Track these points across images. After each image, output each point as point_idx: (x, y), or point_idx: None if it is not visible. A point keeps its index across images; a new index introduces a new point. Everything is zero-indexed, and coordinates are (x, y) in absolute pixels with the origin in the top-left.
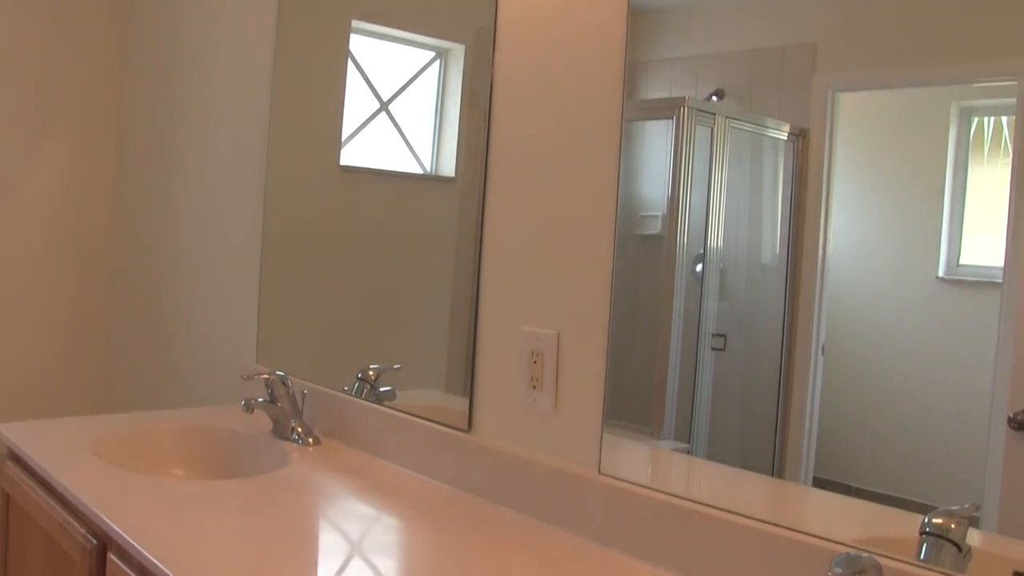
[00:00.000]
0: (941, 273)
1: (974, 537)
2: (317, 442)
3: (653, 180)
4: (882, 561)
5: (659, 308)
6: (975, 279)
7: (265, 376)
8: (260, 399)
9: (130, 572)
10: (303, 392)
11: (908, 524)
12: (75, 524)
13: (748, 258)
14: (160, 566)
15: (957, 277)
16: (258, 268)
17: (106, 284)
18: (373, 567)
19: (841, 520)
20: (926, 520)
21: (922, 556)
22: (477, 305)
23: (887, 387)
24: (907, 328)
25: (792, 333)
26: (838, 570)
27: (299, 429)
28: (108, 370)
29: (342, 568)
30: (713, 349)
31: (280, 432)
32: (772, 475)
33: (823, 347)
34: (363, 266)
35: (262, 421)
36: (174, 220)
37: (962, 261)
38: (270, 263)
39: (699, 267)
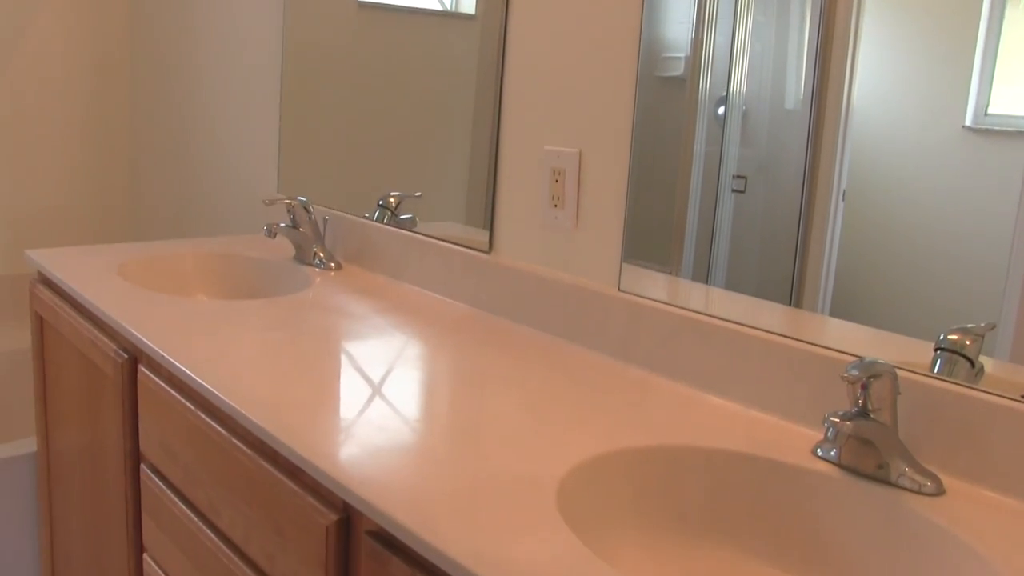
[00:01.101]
0: (968, 122)
1: (988, 365)
2: (339, 267)
3: (676, 20)
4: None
5: (679, 150)
6: (1003, 129)
7: (287, 201)
8: (282, 224)
9: (160, 382)
10: (324, 219)
11: (923, 351)
12: (106, 340)
13: (771, 102)
14: (191, 375)
15: (984, 126)
16: (278, 96)
17: (126, 116)
18: (396, 376)
19: (858, 342)
20: (941, 336)
21: (936, 370)
22: (499, 127)
23: (907, 234)
24: (930, 176)
25: (813, 178)
26: (854, 372)
27: (321, 254)
28: (131, 201)
29: (366, 377)
30: (733, 191)
31: (302, 258)
32: None
33: (844, 192)
34: (383, 98)
35: (284, 248)
36: (194, 46)
37: (991, 110)
38: (290, 92)
39: (721, 110)
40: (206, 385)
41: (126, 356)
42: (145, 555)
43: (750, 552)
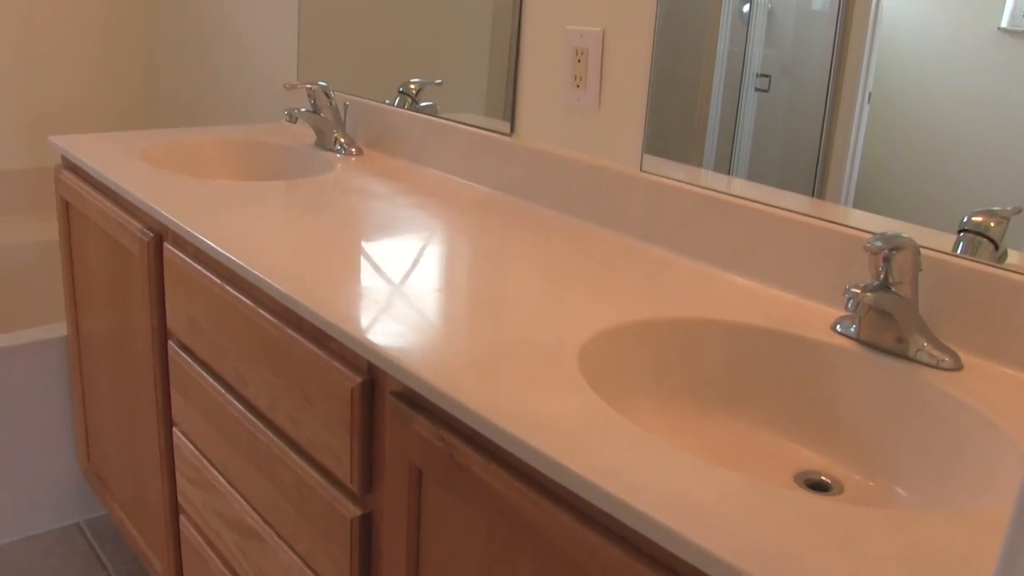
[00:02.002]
0: (1004, 23)
1: (1013, 257)
2: (360, 152)
3: None
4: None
5: (702, 47)
6: None
7: (308, 86)
8: (303, 109)
9: (185, 258)
10: (345, 104)
11: (946, 242)
12: (131, 220)
13: (798, 2)
14: (217, 248)
15: (1021, 28)
16: None
17: (142, 5)
18: (418, 250)
19: (880, 229)
20: (965, 219)
21: (958, 250)
22: (521, 5)
23: (934, 139)
24: (962, 80)
25: (839, 80)
26: (877, 243)
27: (342, 139)
28: (148, 91)
29: (389, 251)
30: (757, 90)
31: (323, 143)
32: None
33: (870, 95)
34: None
35: (304, 135)
36: None
37: None
38: None
39: (746, 8)
40: (232, 257)
41: (151, 235)
42: (175, 429)
43: (765, 424)
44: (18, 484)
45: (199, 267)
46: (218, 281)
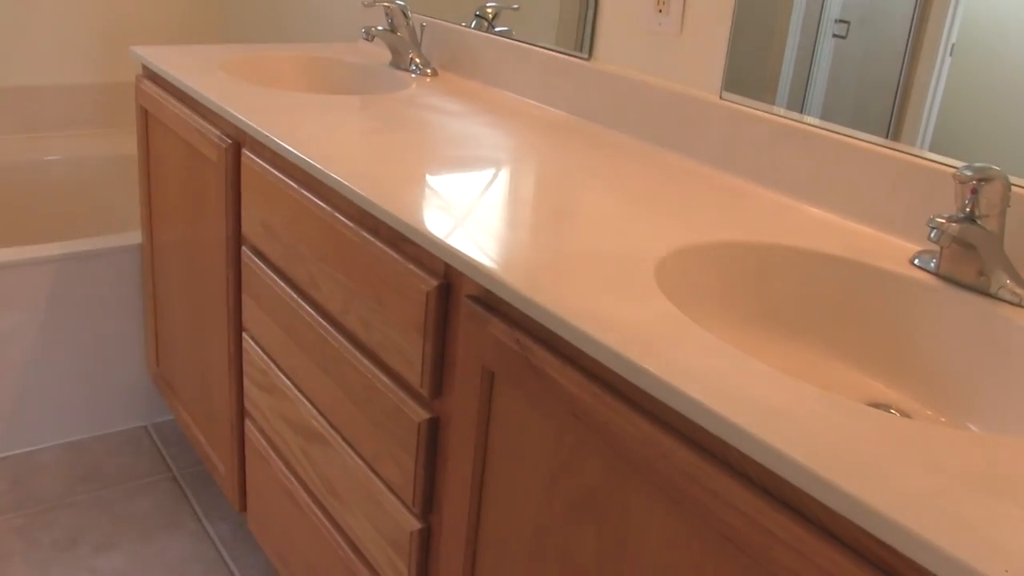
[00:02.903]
0: None
1: None
2: (435, 73)
3: None
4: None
5: None
6: None
7: (385, 4)
8: (379, 27)
9: (263, 164)
10: (422, 24)
11: None
12: (209, 127)
13: None
14: (295, 152)
15: None
16: None
17: None
18: (494, 163)
19: None
20: None
21: None
22: None
23: (1017, 93)
24: None
25: (920, 31)
26: (967, 172)
27: (417, 60)
28: (222, 6)
29: (465, 162)
30: (834, 36)
31: (398, 63)
32: None
33: (952, 47)
34: None
35: (380, 54)
36: None
37: None
38: None
39: None
40: (311, 162)
41: (229, 142)
42: (244, 334)
43: (836, 354)
44: (91, 385)
45: (276, 173)
46: (295, 186)
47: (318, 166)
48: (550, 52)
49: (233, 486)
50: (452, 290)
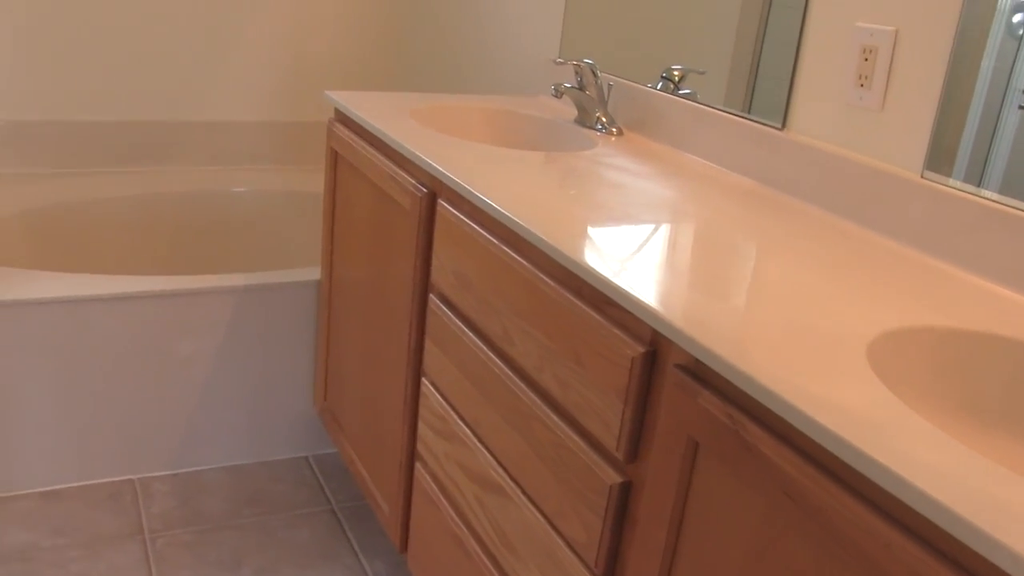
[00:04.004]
0: None
1: None
2: (620, 133)
3: None
4: None
5: (966, 59)
6: None
7: (576, 63)
8: (568, 85)
9: (460, 216)
10: (608, 84)
11: None
12: (404, 175)
13: None
14: (497, 207)
15: None
16: None
17: None
18: (690, 231)
19: None
20: None
21: None
22: (807, 2)
23: None
24: None
25: None
26: None
27: (603, 118)
28: (402, 55)
29: (662, 229)
30: (1020, 108)
31: (584, 120)
32: None
33: None
34: None
35: (562, 109)
36: None
37: None
38: None
39: (1017, 18)
40: (513, 218)
41: (425, 190)
42: (423, 379)
43: None
44: (258, 412)
45: (474, 225)
46: (494, 240)
47: (521, 223)
48: (740, 119)
49: (396, 526)
50: (658, 357)
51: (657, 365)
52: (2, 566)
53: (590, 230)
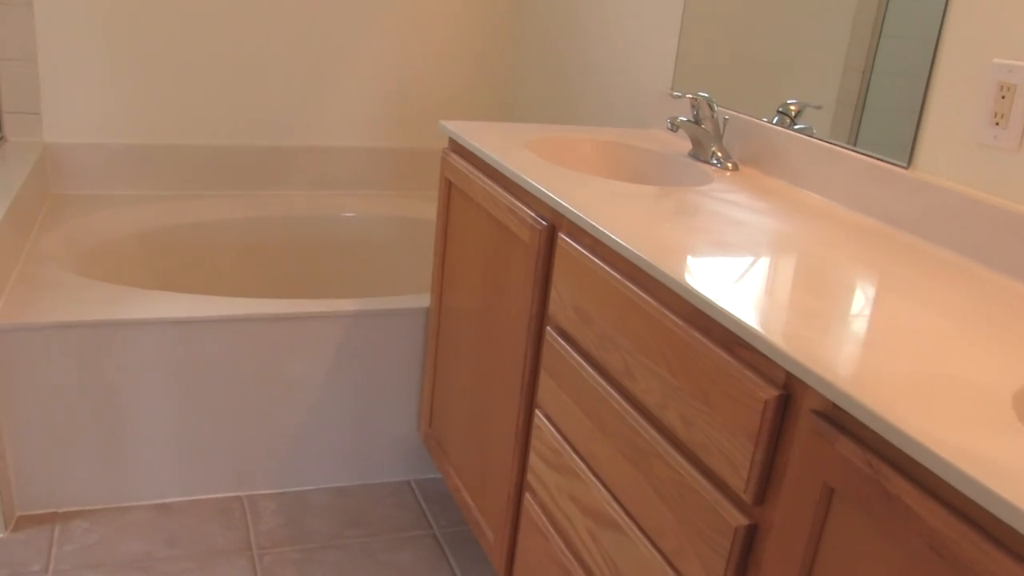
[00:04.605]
0: None
1: None
2: (735, 168)
3: None
4: None
5: None
6: None
7: (692, 96)
8: (683, 118)
9: (581, 250)
10: (724, 118)
11: None
12: (523, 207)
13: None
14: (621, 243)
15: None
16: None
17: (510, 4)
18: (818, 271)
19: None
20: None
21: None
22: (939, 36)
23: None
24: None
25: None
26: None
27: (719, 153)
28: (510, 85)
29: (787, 269)
30: None
31: (699, 154)
32: None
33: None
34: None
35: (678, 143)
36: None
37: None
38: None
39: None
40: (638, 253)
41: (544, 223)
42: (537, 410)
43: None
44: (363, 435)
45: (596, 260)
46: (616, 275)
47: (647, 259)
48: (862, 156)
49: (501, 554)
50: (792, 400)
51: (791, 408)
52: (122, 573)
53: (715, 268)
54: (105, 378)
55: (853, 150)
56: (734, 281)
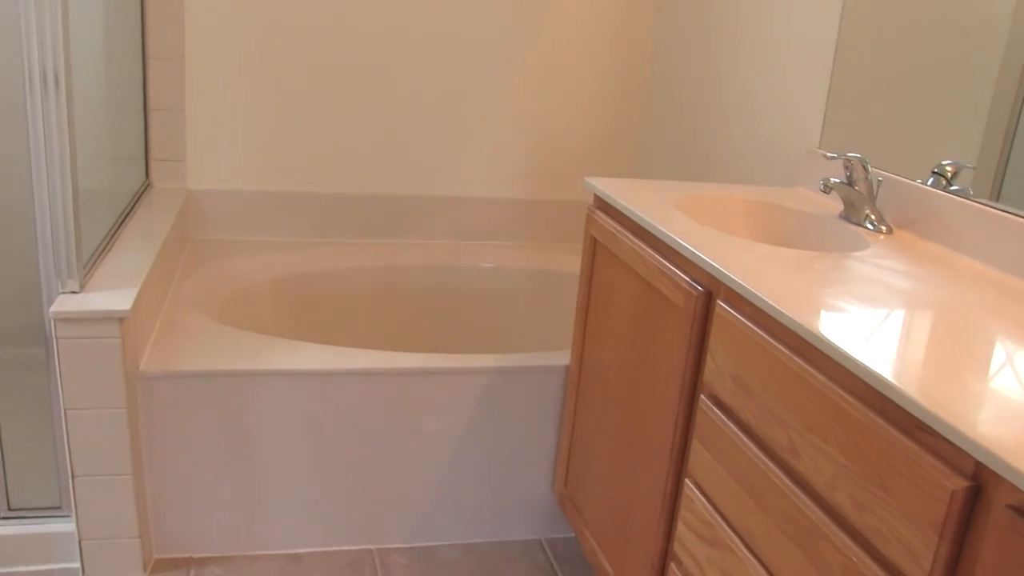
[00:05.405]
0: None
1: None
2: (889, 231)
3: None
4: None
5: None
6: None
7: (846, 157)
8: (836, 179)
9: (741, 318)
10: (878, 179)
11: None
12: (676, 271)
13: None
14: (787, 314)
15: None
16: (832, 46)
17: (649, 59)
18: (997, 348)
19: None
20: None
21: None
22: None
23: None
24: None
25: None
26: None
27: (872, 215)
28: (644, 141)
29: (966, 345)
30: None
31: (850, 216)
32: None
33: None
34: (960, 57)
35: (827, 204)
36: (732, 5)
37: None
38: (848, 46)
39: None
40: (805, 326)
41: (701, 289)
42: (687, 479)
43: None
44: (496, 492)
45: (758, 330)
46: (781, 348)
47: (816, 333)
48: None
49: None
50: (983, 492)
51: (981, 500)
52: None
53: (886, 342)
54: (243, 427)
55: (1016, 214)
56: (908, 358)
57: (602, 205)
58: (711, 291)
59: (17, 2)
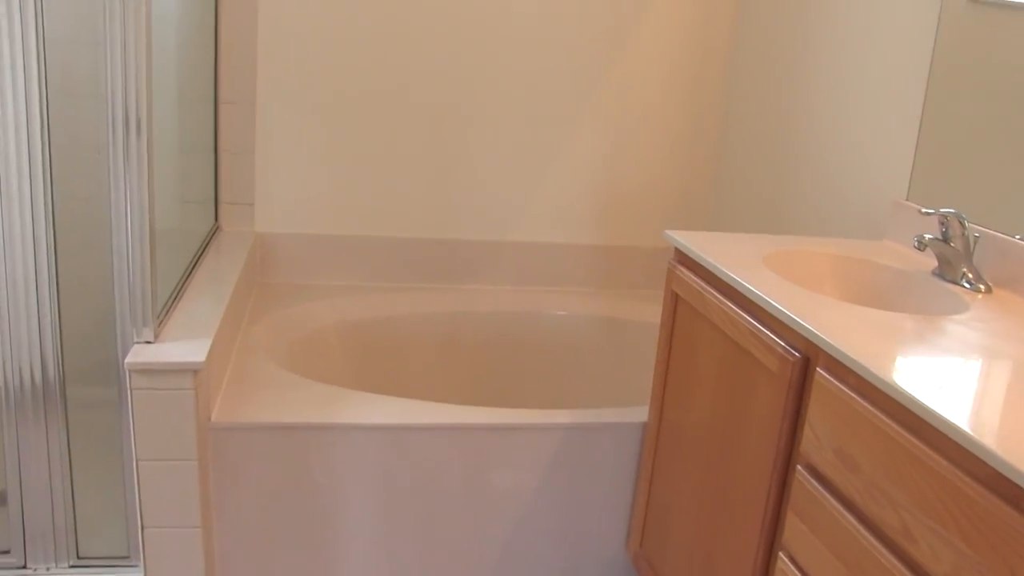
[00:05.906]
0: None
1: None
2: (988, 290)
3: None
4: None
5: None
6: None
7: (942, 212)
8: (930, 236)
9: (844, 388)
10: (975, 236)
11: None
12: (770, 335)
13: None
14: (901, 389)
15: None
16: (922, 91)
17: (720, 107)
18: None
19: None
20: None
21: None
22: None
23: None
24: None
25: None
26: None
27: (970, 274)
28: (717, 190)
29: None
30: None
31: (945, 274)
32: None
33: None
34: None
35: (917, 259)
36: (803, 39)
37: None
38: (937, 95)
39: None
40: (923, 403)
41: (798, 355)
42: (781, 553)
43: None
44: (569, 551)
45: (863, 402)
46: (891, 423)
47: (934, 411)
48: None
49: None
50: None
51: None
52: None
53: (1008, 420)
54: (311, 479)
55: None
56: None
57: (684, 260)
58: (808, 357)
59: (103, 49)
